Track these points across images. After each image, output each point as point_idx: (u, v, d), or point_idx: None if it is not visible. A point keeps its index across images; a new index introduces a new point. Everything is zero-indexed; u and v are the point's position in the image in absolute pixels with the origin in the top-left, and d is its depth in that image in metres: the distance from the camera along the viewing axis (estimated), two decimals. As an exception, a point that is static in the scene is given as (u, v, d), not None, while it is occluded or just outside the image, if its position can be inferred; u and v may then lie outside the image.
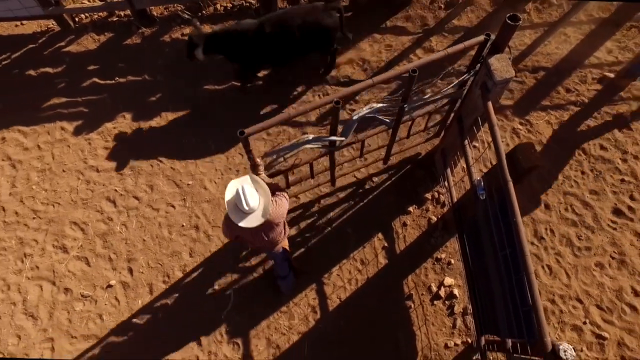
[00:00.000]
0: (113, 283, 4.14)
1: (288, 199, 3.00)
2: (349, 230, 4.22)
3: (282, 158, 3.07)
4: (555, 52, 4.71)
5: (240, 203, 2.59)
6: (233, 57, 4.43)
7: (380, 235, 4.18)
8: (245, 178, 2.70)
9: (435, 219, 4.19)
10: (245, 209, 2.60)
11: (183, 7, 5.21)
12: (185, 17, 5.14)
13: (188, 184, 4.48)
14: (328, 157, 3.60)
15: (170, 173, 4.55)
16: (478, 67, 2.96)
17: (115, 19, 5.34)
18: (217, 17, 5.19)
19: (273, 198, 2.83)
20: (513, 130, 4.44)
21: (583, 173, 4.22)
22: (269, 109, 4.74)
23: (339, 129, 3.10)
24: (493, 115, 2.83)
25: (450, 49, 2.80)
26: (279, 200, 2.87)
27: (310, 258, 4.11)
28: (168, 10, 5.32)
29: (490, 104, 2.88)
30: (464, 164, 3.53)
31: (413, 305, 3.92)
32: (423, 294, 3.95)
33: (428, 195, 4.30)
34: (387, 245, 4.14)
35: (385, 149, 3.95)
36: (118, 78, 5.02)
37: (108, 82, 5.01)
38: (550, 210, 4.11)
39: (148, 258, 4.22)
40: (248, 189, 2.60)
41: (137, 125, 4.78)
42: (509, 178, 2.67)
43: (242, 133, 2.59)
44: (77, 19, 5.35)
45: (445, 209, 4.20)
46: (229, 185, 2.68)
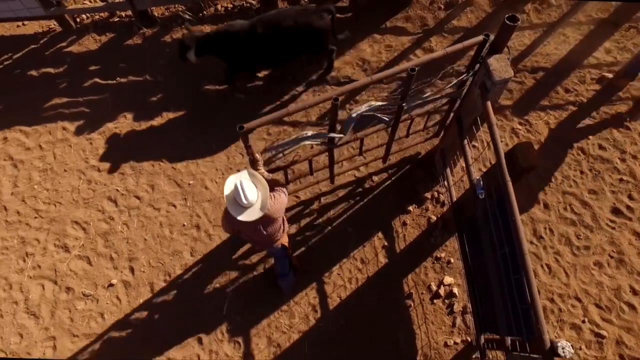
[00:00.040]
0: (114, 282, 4.17)
1: (287, 195, 3.04)
2: (349, 230, 4.24)
3: (281, 154, 3.10)
4: (554, 52, 4.73)
5: (239, 197, 2.64)
6: (225, 58, 4.45)
7: (380, 235, 4.20)
8: (244, 173, 2.75)
9: (435, 218, 4.21)
10: (244, 203, 2.65)
11: (184, 7, 5.24)
12: (186, 17, 5.17)
13: (189, 184, 4.50)
14: (327, 154, 3.62)
15: (171, 173, 4.57)
16: (477, 67, 2.98)
17: (117, 20, 5.36)
18: (217, 17, 5.21)
19: (272, 193, 2.88)
20: (512, 130, 4.46)
21: (582, 173, 4.24)
22: (269, 109, 4.76)
23: (338, 127, 3.12)
24: (492, 115, 2.85)
25: (449, 49, 2.82)
26: (278, 195, 2.92)
27: (311, 257, 4.14)
28: (169, 11, 5.34)
29: (489, 104, 2.90)
30: (464, 164, 3.55)
31: (413, 304, 3.94)
32: (423, 293, 3.97)
33: (428, 195, 4.32)
34: (387, 245, 4.16)
35: (385, 148, 3.97)
36: (119, 78, 5.04)
37: (109, 82, 5.04)
38: (550, 210, 4.13)
39: (149, 257, 4.24)
40: (246, 184, 2.65)
41: (138, 125, 4.80)
42: (508, 177, 2.69)
43: (241, 128, 2.63)
44: (78, 20, 5.37)
45: (445, 209, 4.22)
46: (228, 180, 2.73)
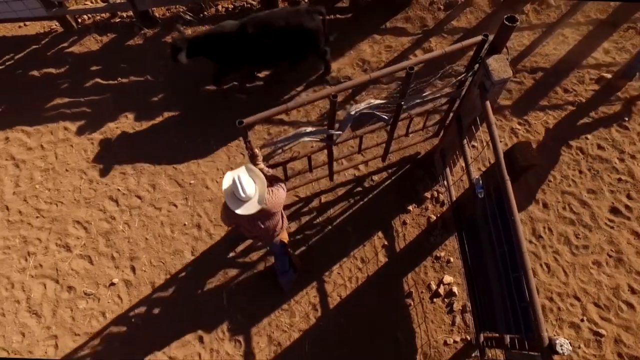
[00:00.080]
0: (116, 281, 4.19)
1: (285, 190, 3.07)
2: (349, 229, 4.26)
3: (280, 149, 3.13)
4: (554, 52, 4.76)
5: (237, 191, 2.69)
6: (216, 59, 4.46)
7: (380, 234, 4.22)
8: (242, 168, 2.80)
9: (435, 218, 4.24)
10: (242, 197, 2.70)
11: (185, 8, 5.26)
12: (187, 18, 5.19)
13: (190, 183, 4.53)
14: (327, 152, 3.64)
15: (172, 172, 4.59)
16: (476, 67, 3.00)
17: (118, 20, 5.38)
18: (218, 18, 5.23)
19: (270, 187, 2.93)
20: (511, 130, 4.48)
21: (581, 172, 4.26)
22: (270, 109, 4.78)
23: (337, 126, 3.15)
24: (491, 115, 2.87)
25: (448, 48, 2.85)
26: (276, 190, 2.96)
27: (311, 256, 4.16)
28: (170, 12, 5.36)
29: (489, 104, 2.92)
30: (463, 163, 3.57)
31: (413, 303, 3.96)
32: (422, 292, 3.99)
33: (427, 194, 4.34)
34: (387, 244, 4.19)
35: (384, 146, 3.99)
36: (120, 78, 5.07)
37: (110, 82, 5.06)
38: (549, 209, 4.15)
39: (150, 256, 4.26)
40: (244, 178, 2.71)
41: (139, 125, 4.83)
42: (507, 177, 2.71)
43: (240, 123, 2.68)
44: (79, 20, 5.39)
45: (445, 208, 4.24)
46: (226, 175, 2.79)
